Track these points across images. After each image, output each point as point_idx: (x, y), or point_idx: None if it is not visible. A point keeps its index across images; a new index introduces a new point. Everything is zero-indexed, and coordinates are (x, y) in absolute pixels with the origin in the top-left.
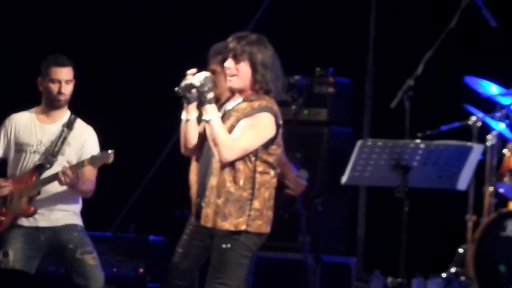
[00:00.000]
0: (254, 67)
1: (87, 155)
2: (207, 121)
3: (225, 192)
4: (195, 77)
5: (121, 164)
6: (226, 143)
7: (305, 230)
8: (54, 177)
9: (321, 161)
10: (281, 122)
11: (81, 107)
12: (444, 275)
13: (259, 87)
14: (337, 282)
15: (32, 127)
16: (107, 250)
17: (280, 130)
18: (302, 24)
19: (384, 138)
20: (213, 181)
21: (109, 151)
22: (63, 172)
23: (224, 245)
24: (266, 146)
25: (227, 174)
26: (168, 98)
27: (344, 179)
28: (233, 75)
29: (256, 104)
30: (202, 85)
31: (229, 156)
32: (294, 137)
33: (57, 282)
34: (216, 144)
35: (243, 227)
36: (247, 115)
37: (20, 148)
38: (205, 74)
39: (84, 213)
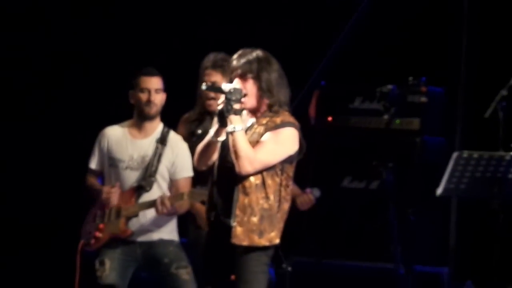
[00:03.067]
0: (261, 85)
1: (179, 172)
2: (231, 132)
3: (260, 210)
4: (225, 84)
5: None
6: (248, 155)
7: (397, 239)
8: (153, 203)
9: (413, 171)
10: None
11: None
12: None
13: (271, 104)
14: None
15: (123, 142)
16: None
17: (303, 145)
18: (394, 33)
19: (477, 149)
20: (244, 199)
21: None
22: (162, 202)
23: (261, 263)
24: (291, 161)
25: (259, 191)
26: None
27: (439, 191)
28: (244, 95)
29: (278, 119)
30: (230, 92)
31: (249, 169)
32: (387, 146)
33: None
34: (238, 156)
35: (276, 241)
36: (269, 130)
37: (113, 163)
38: (236, 84)
39: None
